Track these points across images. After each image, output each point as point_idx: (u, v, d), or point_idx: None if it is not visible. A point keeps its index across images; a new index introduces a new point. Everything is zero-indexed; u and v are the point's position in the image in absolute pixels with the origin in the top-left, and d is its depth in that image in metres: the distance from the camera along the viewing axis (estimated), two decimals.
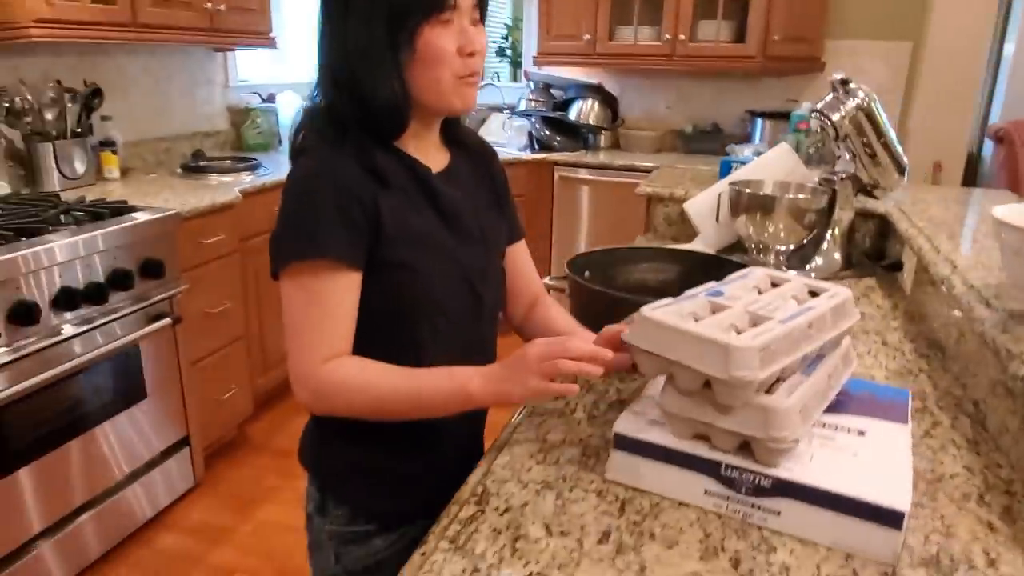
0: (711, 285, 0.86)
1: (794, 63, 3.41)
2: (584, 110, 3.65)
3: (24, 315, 1.62)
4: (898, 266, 1.59)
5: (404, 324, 0.89)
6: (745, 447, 0.73)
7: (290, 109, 3.22)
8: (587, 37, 3.51)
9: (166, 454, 2.15)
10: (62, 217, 1.89)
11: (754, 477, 0.72)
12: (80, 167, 2.35)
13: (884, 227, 1.76)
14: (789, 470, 0.71)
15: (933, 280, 1.28)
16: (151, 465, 2.10)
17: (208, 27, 2.66)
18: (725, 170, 1.87)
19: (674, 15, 3.36)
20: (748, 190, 1.62)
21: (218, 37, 2.76)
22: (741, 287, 0.86)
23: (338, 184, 0.82)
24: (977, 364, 1.04)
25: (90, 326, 1.80)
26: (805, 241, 1.61)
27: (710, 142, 3.56)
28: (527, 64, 3.93)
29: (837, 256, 1.64)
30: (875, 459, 0.74)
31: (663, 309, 0.77)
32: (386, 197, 0.85)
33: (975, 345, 1.06)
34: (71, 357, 1.74)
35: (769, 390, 0.74)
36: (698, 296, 0.82)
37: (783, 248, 1.61)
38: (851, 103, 1.54)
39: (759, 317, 0.77)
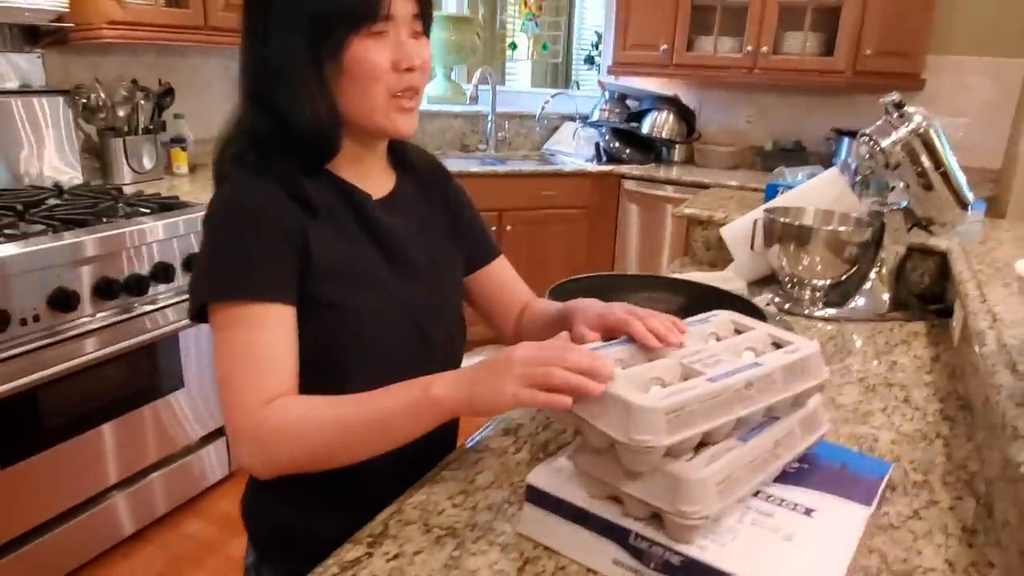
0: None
1: (889, 79, 3.16)
2: (658, 122, 3.53)
3: (63, 302, 1.71)
4: (949, 312, 1.42)
5: (334, 371, 0.80)
6: (659, 517, 0.65)
7: None
8: (664, 47, 3.39)
9: (203, 442, 2.23)
10: (121, 208, 1.99)
11: (663, 552, 0.64)
12: (148, 162, 2.47)
13: (944, 267, 1.58)
14: (702, 548, 0.63)
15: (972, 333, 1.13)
16: (188, 451, 2.17)
17: None
18: (771, 194, 1.74)
19: (757, 26, 3.19)
20: (783, 218, 1.49)
21: None
22: (695, 333, 0.77)
23: (260, 214, 0.75)
24: (996, 438, 0.90)
25: (128, 315, 1.88)
26: (844, 277, 1.46)
27: (791, 160, 3.35)
28: (602, 74, 3.84)
29: (884, 296, 1.48)
30: (810, 546, 0.64)
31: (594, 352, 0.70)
32: (316, 227, 0.78)
33: (997, 415, 0.92)
34: (107, 344, 1.82)
35: (697, 453, 0.66)
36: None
37: (819, 283, 1.48)
38: (905, 128, 1.39)
39: (691, 371, 0.68)
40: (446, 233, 0.95)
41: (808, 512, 0.69)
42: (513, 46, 4.37)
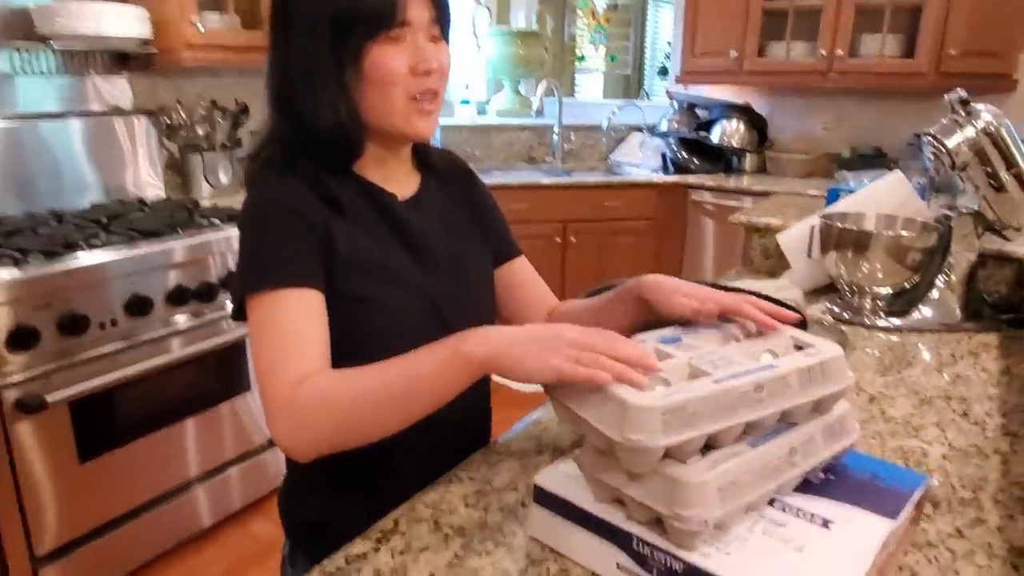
0: (672, 329, 0.76)
1: (976, 80, 2.98)
2: (728, 131, 3.45)
3: (139, 308, 1.81)
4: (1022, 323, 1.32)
5: (361, 362, 0.80)
6: (662, 522, 0.63)
7: None
8: (734, 54, 3.32)
9: (270, 443, 2.31)
10: (195, 220, 2.10)
11: (665, 559, 0.62)
12: (224, 177, 2.60)
13: (1022, 274, 1.47)
14: (706, 556, 0.60)
15: None
16: (253, 453, 2.26)
17: None
18: (832, 199, 1.67)
19: (832, 29, 3.08)
20: (840, 223, 1.42)
21: None
22: (708, 335, 0.75)
23: (287, 209, 0.79)
24: None
25: (198, 321, 1.97)
26: (908, 285, 1.39)
27: (870, 167, 3.21)
28: (670, 83, 3.79)
29: (954, 306, 1.39)
30: (821, 558, 0.60)
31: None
32: (341, 224, 0.81)
33: None
34: (178, 347, 1.92)
35: (703, 455, 0.63)
36: (647, 340, 0.73)
37: (881, 291, 1.40)
38: (973, 127, 1.31)
39: (699, 372, 0.66)
40: (472, 229, 0.96)
41: (825, 523, 0.65)
42: (581, 58, 4.38)
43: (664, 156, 3.39)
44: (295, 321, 0.75)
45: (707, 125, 3.52)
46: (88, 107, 2.33)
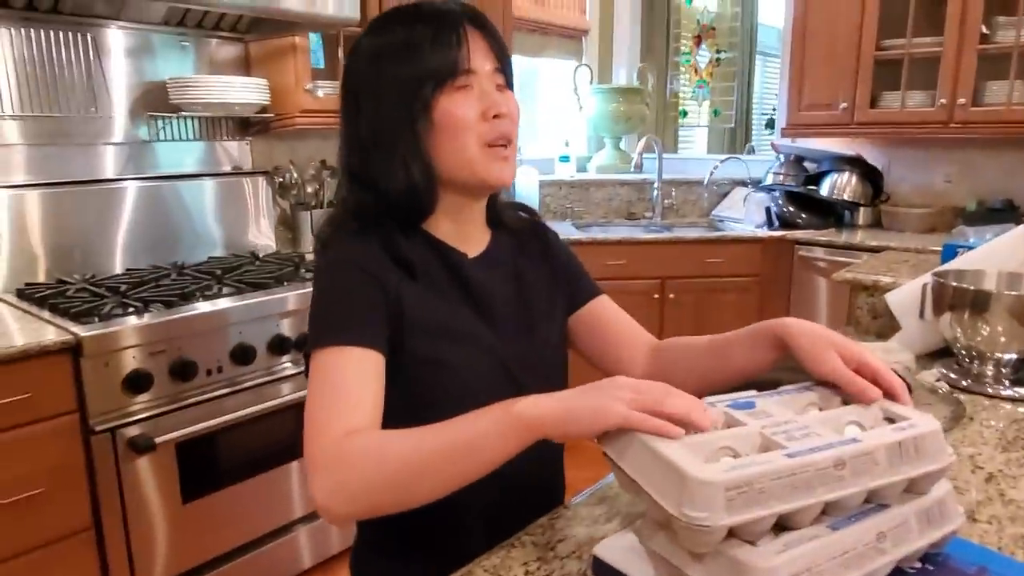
0: (748, 393, 0.71)
1: None
2: (839, 184, 3.29)
3: (242, 356, 1.91)
4: None
5: (431, 423, 0.80)
6: None
7: (527, 182, 3.40)
8: (844, 105, 3.19)
9: None
10: (300, 273, 2.21)
11: None
12: None
13: None
14: None
15: None
16: None
17: None
18: (948, 256, 1.54)
19: (952, 76, 2.91)
20: (956, 282, 1.31)
21: None
22: (785, 400, 0.69)
23: (358, 269, 0.80)
24: None
25: (297, 370, 2.05)
26: None
27: (999, 221, 2.96)
28: (776, 136, 3.68)
29: None
30: None
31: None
32: (411, 286, 0.82)
33: None
34: (278, 395, 2.00)
35: (776, 536, 0.58)
36: (717, 404, 0.68)
37: (1004, 357, 1.27)
38: None
39: (772, 443, 0.61)
40: (545, 287, 0.95)
41: None
42: (684, 113, 4.34)
43: (769, 210, 3.27)
44: (352, 378, 0.75)
45: (816, 179, 3.38)
46: (216, 168, 2.52)
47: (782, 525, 0.59)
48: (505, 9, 3.12)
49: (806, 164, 3.49)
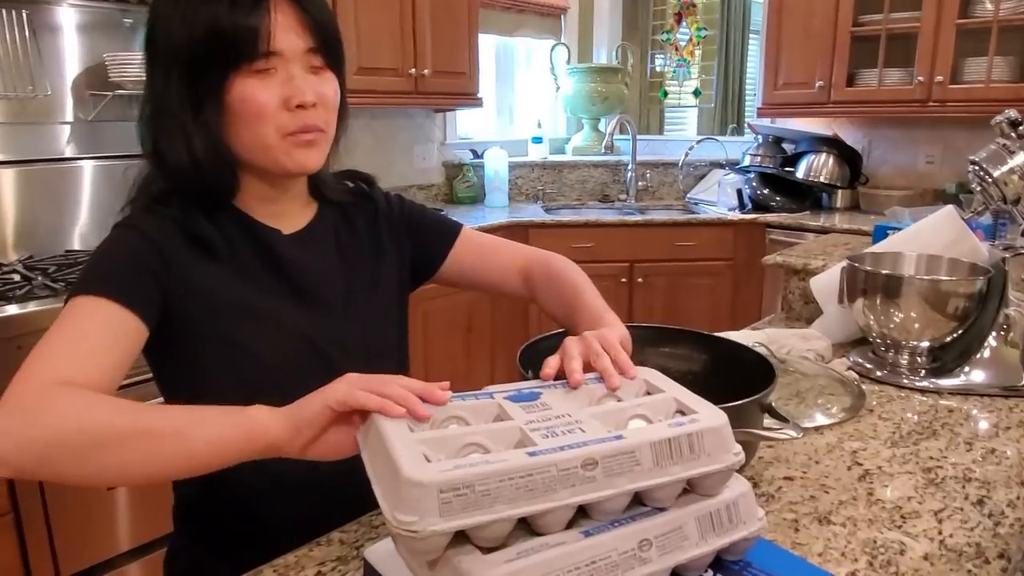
0: (533, 383, 0.65)
1: None
2: (815, 166, 3.19)
3: None
4: None
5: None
6: None
7: (496, 163, 3.33)
8: (820, 84, 3.09)
9: None
10: None
11: None
12: None
13: None
14: None
15: None
16: None
17: (412, 91, 2.89)
18: (878, 237, 1.47)
19: (930, 54, 2.80)
20: (871, 266, 1.24)
21: (423, 99, 2.98)
22: (579, 392, 0.63)
23: (141, 234, 0.74)
24: None
25: None
26: (950, 339, 1.18)
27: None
28: (752, 116, 3.58)
29: (1015, 364, 1.17)
30: None
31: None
32: (208, 264, 0.76)
33: None
34: None
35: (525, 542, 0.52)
36: (495, 395, 0.62)
37: (920, 346, 1.20)
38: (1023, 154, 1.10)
39: (528, 440, 0.55)
40: (375, 256, 0.90)
41: None
42: (664, 94, 4.24)
43: (740, 192, 3.18)
44: (93, 330, 0.67)
45: (794, 160, 3.28)
46: None
47: (537, 531, 0.53)
48: None
49: (784, 145, 3.39)
